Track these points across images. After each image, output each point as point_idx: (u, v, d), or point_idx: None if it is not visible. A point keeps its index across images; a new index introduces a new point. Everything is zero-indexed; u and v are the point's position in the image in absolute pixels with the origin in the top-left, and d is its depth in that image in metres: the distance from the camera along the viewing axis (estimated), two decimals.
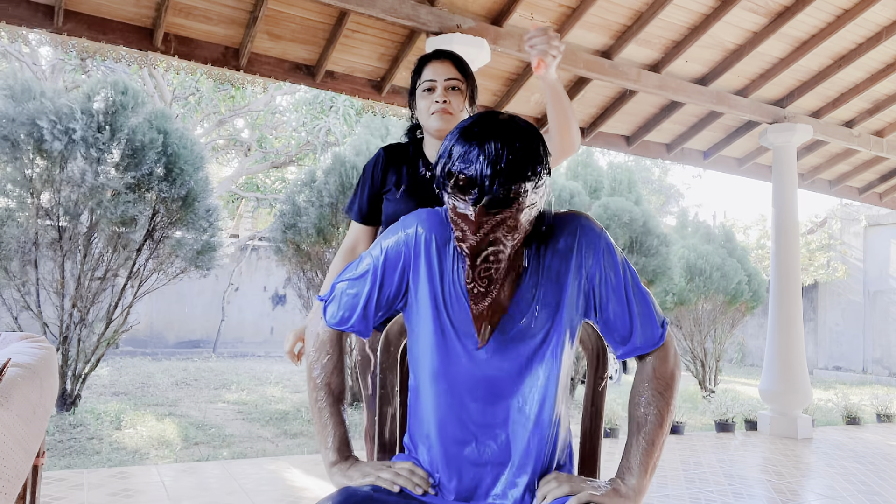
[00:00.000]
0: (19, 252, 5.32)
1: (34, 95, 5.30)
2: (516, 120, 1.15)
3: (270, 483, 3.71)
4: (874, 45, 5.24)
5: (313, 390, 1.32)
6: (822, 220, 15.30)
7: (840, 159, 7.26)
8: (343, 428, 1.30)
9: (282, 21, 4.30)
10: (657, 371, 1.25)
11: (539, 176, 1.11)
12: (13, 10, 3.79)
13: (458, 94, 1.86)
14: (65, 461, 4.32)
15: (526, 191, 1.10)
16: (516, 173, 1.08)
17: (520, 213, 1.11)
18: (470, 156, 1.09)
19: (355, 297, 1.28)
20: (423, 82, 1.86)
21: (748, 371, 13.87)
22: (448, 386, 1.23)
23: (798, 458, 4.96)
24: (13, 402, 1.15)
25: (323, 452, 1.29)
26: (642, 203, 8.11)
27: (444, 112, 1.83)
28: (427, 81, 1.85)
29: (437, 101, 1.83)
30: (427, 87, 1.85)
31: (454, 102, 1.85)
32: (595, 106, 5.77)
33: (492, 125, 1.12)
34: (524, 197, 1.10)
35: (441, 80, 1.85)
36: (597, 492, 1.16)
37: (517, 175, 1.08)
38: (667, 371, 1.25)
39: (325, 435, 1.28)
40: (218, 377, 8.96)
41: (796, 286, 5.95)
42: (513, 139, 1.10)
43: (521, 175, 1.09)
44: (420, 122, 1.90)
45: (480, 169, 1.08)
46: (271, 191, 14.57)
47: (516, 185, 1.09)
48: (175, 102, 12.43)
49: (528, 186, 1.10)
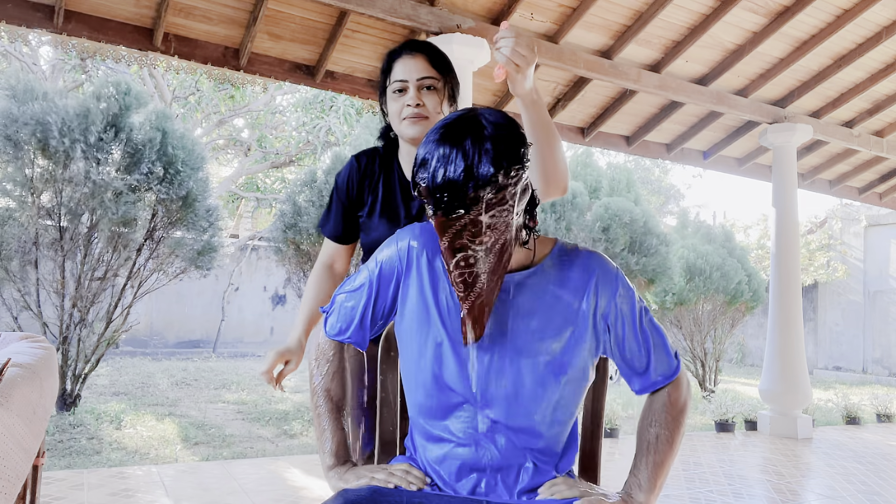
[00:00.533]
0: (19, 252, 5.32)
1: (38, 96, 5.30)
2: (483, 117, 1.11)
3: (270, 483, 3.71)
4: (874, 45, 5.24)
5: (313, 396, 1.34)
6: (822, 220, 15.29)
7: (840, 159, 7.26)
8: (341, 433, 1.32)
9: (282, 21, 4.30)
10: (671, 398, 1.26)
11: (499, 177, 1.06)
12: (13, 10, 3.79)
13: (433, 94, 1.62)
14: (65, 461, 4.32)
15: (483, 195, 1.06)
16: (469, 177, 1.05)
17: (483, 215, 1.08)
18: (428, 163, 1.08)
19: (352, 310, 1.30)
20: (393, 82, 1.62)
21: (748, 371, 13.86)
22: (441, 392, 1.23)
23: (798, 458, 4.95)
24: (13, 402, 1.14)
25: (321, 457, 1.31)
26: (642, 203, 8.11)
27: (418, 118, 1.60)
28: (397, 81, 1.61)
29: (409, 105, 1.60)
30: (397, 87, 1.61)
31: (429, 104, 1.61)
32: (595, 106, 5.77)
33: (454, 127, 1.09)
34: (483, 200, 1.07)
35: (413, 79, 1.60)
36: (607, 500, 1.16)
37: (469, 179, 1.05)
38: (680, 399, 1.27)
39: (324, 440, 1.31)
40: (218, 377, 8.96)
41: (796, 286, 5.95)
42: (473, 141, 1.07)
43: (474, 178, 1.05)
44: (392, 126, 1.67)
45: (432, 175, 1.07)
46: (271, 191, 14.57)
47: (470, 190, 1.05)
48: (175, 102, 12.43)
49: (487, 190, 1.06)
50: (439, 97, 1.63)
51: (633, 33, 4.72)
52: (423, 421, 1.27)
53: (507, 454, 1.21)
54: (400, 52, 1.63)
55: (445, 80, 1.64)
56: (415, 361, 1.25)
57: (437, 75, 1.62)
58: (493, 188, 1.07)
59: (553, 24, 4.58)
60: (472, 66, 4.22)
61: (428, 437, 1.26)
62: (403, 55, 1.62)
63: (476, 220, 1.09)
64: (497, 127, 1.10)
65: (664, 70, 5.15)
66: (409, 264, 1.26)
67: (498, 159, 1.06)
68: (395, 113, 1.63)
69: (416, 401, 1.27)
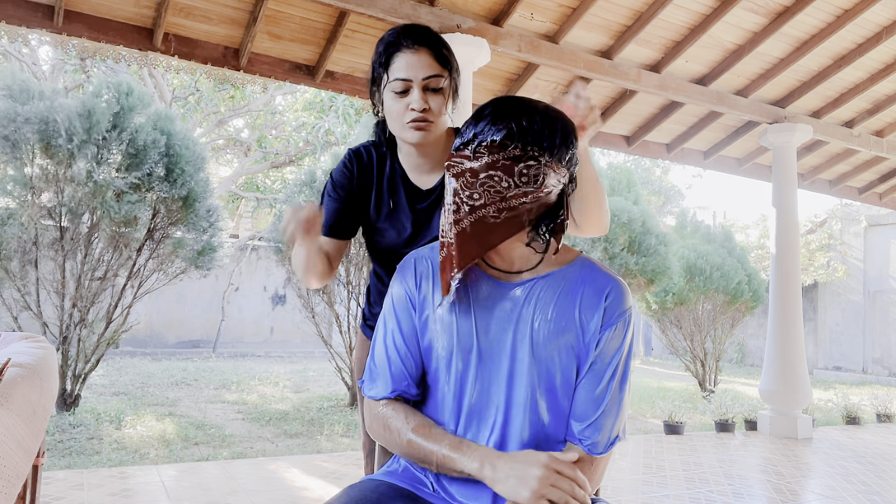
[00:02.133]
0: (20, 252, 5.32)
1: (40, 96, 5.30)
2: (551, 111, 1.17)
3: (270, 483, 3.71)
4: (874, 45, 5.24)
5: (409, 448, 1.22)
6: (822, 220, 15.29)
7: (840, 159, 7.26)
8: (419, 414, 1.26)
9: (282, 21, 4.30)
10: (582, 469, 1.14)
11: (535, 152, 1.10)
12: (13, 10, 3.79)
13: (439, 95, 1.45)
14: (65, 461, 4.32)
15: (503, 155, 1.10)
16: (514, 134, 1.10)
17: (488, 171, 1.10)
18: (493, 117, 1.12)
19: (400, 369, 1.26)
20: (394, 81, 1.43)
21: (748, 371, 13.87)
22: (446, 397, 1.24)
23: (798, 458, 4.95)
24: (13, 402, 1.15)
25: (460, 465, 1.16)
26: (641, 203, 8.11)
27: (424, 123, 1.44)
28: (399, 81, 1.43)
29: (414, 109, 1.43)
30: (399, 88, 1.43)
31: (435, 107, 1.45)
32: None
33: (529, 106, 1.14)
34: (499, 158, 1.10)
35: (418, 79, 1.43)
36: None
37: (514, 136, 1.10)
38: (588, 477, 1.16)
39: (444, 459, 1.17)
40: (218, 377, 8.96)
41: (796, 286, 5.95)
42: (536, 114, 1.12)
43: (520, 138, 1.10)
44: (390, 126, 1.50)
45: (492, 119, 1.12)
46: (271, 191, 14.56)
47: (500, 143, 1.10)
48: (175, 102, 12.43)
49: (510, 151, 1.10)
50: (444, 97, 1.47)
51: (633, 33, 4.72)
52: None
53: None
54: (399, 45, 1.44)
55: (451, 77, 1.48)
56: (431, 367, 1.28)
57: (443, 72, 1.46)
58: (520, 158, 1.10)
59: (553, 24, 4.58)
60: (473, 66, 4.22)
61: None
62: (404, 49, 1.43)
63: (478, 169, 1.11)
64: (555, 118, 1.14)
65: (664, 70, 5.15)
66: (422, 291, 1.26)
67: (542, 138, 1.11)
68: (396, 114, 1.46)
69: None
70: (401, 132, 1.48)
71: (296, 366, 10.87)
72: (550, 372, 1.19)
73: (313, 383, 8.76)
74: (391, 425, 1.22)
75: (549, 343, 1.18)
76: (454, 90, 1.51)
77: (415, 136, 1.46)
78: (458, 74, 1.52)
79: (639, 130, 6.18)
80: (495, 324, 1.20)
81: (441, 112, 1.47)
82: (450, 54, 1.49)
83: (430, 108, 1.44)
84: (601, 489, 1.28)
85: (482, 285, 1.23)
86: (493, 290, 1.22)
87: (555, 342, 1.18)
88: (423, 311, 1.25)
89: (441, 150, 1.57)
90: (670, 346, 9.16)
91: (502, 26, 4.38)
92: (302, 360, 11.96)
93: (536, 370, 1.18)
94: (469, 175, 1.12)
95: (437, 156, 1.57)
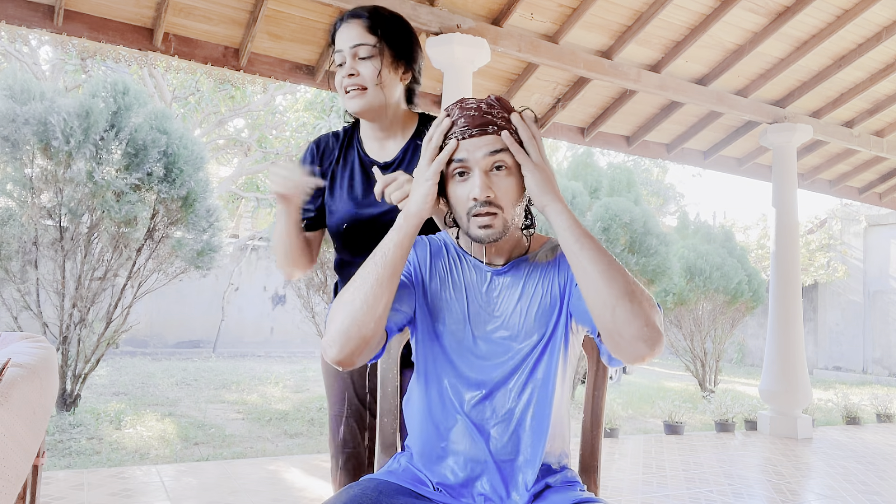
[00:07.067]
0: (19, 252, 5.32)
1: (38, 96, 5.29)
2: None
3: (270, 483, 3.71)
4: (874, 45, 5.24)
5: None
6: (822, 220, 15.29)
7: (840, 159, 7.26)
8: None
9: (282, 21, 4.30)
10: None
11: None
12: (13, 10, 3.79)
13: (368, 62, 1.48)
14: (65, 461, 4.32)
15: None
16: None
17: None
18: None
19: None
20: (335, 54, 1.51)
21: (748, 371, 13.86)
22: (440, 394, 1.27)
23: (798, 458, 4.95)
24: (13, 402, 1.14)
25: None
26: (641, 203, 8.11)
27: (356, 89, 1.48)
28: (336, 53, 1.50)
29: (344, 77, 1.49)
30: (337, 60, 1.50)
31: (365, 73, 1.48)
32: (595, 106, 5.77)
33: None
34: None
35: (347, 48, 1.48)
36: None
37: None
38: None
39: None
40: (218, 377, 8.96)
41: (796, 286, 5.95)
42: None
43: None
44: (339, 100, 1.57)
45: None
46: (271, 191, 14.53)
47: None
48: (175, 102, 12.42)
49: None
50: (377, 65, 1.48)
51: (633, 33, 4.72)
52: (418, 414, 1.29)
53: (510, 446, 1.24)
54: (338, 22, 1.51)
55: (384, 44, 1.49)
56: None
57: (371, 39, 1.48)
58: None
59: (553, 24, 4.58)
60: (472, 66, 4.22)
61: (426, 433, 1.28)
62: (340, 25, 1.50)
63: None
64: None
65: (664, 70, 5.15)
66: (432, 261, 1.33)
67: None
68: (338, 85, 1.52)
69: (419, 399, 1.30)
70: (343, 102, 1.52)
71: (296, 366, 10.87)
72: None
73: (313, 383, 8.76)
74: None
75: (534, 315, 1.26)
76: (394, 59, 1.51)
77: (350, 104, 1.50)
78: (400, 43, 1.52)
79: (639, 130, 6.18)
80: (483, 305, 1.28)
81: (374, 79, 1.48)
82: (386, 24, 1.50)
83: (357, 73, 1.48)
84: (601, 489, 1.29)
85: (472, 271, 1.30)
86: (479, 274, 1.30)
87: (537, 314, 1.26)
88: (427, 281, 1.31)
89: (397, 123, 1.59)
90: (670, 346, 9.16)
91: (502, 26, 4.38)
92: (302, 360, 11.96)
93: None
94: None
95: (389, 128, 1.58)
